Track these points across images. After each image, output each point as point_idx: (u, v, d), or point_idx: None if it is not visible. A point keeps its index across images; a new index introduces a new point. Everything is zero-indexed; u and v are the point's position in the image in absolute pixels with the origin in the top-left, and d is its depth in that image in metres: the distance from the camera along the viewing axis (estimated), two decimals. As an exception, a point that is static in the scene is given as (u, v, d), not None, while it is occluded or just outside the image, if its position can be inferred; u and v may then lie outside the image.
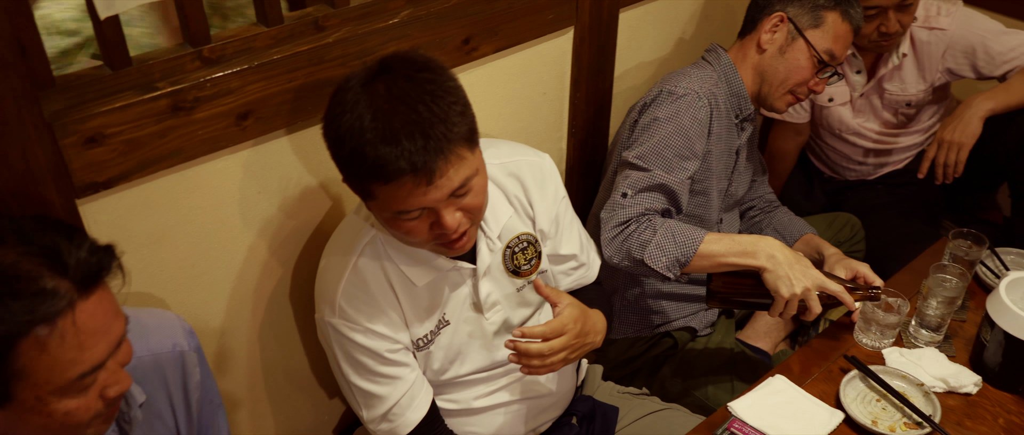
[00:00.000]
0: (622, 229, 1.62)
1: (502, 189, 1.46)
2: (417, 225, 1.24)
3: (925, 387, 1.53)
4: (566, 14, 1.76)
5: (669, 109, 1.68)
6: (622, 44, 1.95)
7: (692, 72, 1.78)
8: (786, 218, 2.06)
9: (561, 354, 1.38)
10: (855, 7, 1.76)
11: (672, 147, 1.66)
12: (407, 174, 1.14)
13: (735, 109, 1.83)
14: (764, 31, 1.78)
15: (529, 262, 1.50)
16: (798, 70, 1.77)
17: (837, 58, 1.77)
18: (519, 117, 1.84)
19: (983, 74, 2.17)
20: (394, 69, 1.18)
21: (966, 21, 2.15)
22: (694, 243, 1.56)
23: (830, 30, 1.75)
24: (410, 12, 1.48)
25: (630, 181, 1.66)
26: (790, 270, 1.53)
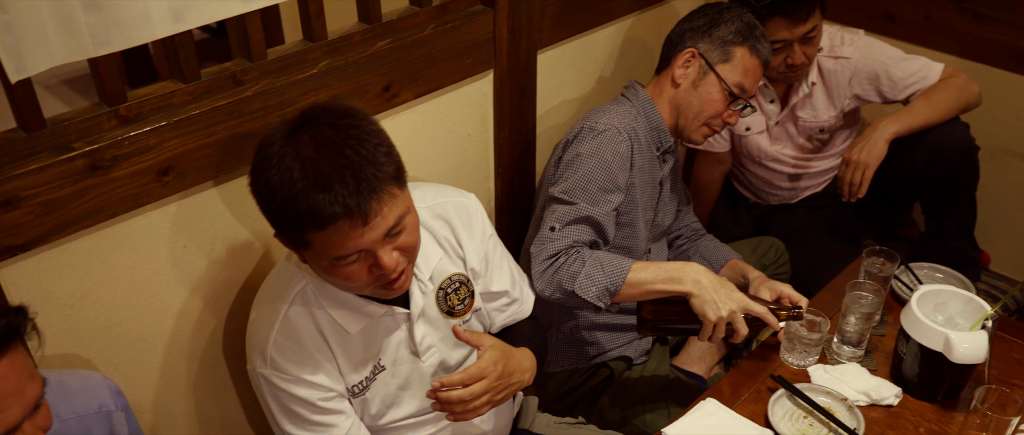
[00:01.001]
0: (552, 262, 1.65)
1: (430, 232, 1.48)
2: (356, 269, 1.25)
3: (849, 401, 1.58)
4: (485, 58, 1.80)
5: (591, 145, 1.73)
6: (542, 84, 2.00)
7: (612, 109, 1.82)
8: (712, 245, 2.11)
9: (484, 397, 1.39)
10: (763, 42, 1.83)
11: (596, 181, 1.71)
12: (342, 218, 1.16)
13: (656, 142, 1.88)
14: (677, 66, 1.84)
15: (462, 302, 1.52)
16: (711, 103, 1.82)
17: (748, 91, 1.83)
18: (445, 159, 1.87)
19: (888, 98, 2.27)
20: (316, 119, 1.20)
21: (868, 49, 2.25)
22: (622, 272, 1.60)
23: (739, 64, 1.81)
24: (328, 63, 1.51)
25: (557, 215, 1.69)
26: (715, 294, 1.57)
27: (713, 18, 1.82)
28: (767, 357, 1.74)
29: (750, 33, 1.81)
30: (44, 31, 1.12)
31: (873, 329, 1.76)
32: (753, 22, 1.83)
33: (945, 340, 1.52)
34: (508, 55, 1.83)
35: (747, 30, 1.81)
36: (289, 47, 1.49)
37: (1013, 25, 2.35)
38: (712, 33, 1.81)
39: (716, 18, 1.82)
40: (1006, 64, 2.40)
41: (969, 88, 2.19)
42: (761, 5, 2.10)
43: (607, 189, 1.72)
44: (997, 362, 1.71)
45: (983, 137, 2.25)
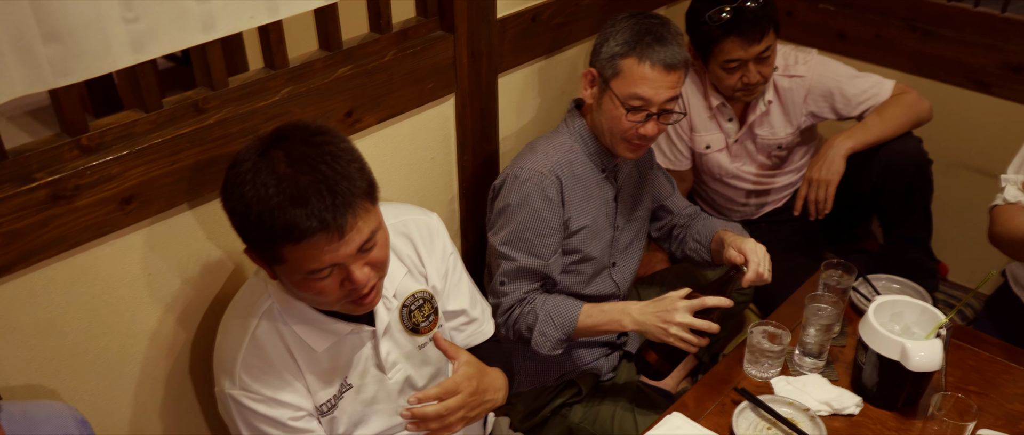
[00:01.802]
0: (508, 315, 1.79)
1: (394, 249, 1.49)
2: (328, 284, 1.26)
3: (811, 412, 1.61)
4: (446, 82, 1.83)
5: (518, 194, 1.76)
6: (504, 106, 2.03)
7: (541, 146, 1.83)
8: (701, 225, 2.05)
9: (458, 413, 1.40)
10: (655, 47, 1.71)
11: (530, 229, 1.76)
12: (318, 232, 1.18)
13: (599, 164, 1.87)
14: (585, 88, 1.83)
15: (427, 318, 1.53)
16: (614, 119, 1.77)
17: (648, 100, 1.73)
18: (410, 182, 1.89)
19: (842, 115, 2.33)
20: (290, 137, 1.22)
21: (821, 67, 2.31)
22: (572, 322, 1.77)
23: (628, 76, 1.73)
24: (290, 90, 1.52)
25: (503, 270, 1.79)
26: (656, 319, 1.66)
27: (605, 33, 1.78)
28: (731, 370, 1.77)
29: (638, 41, 1.72)
30: (3, 63, 1.13)
31: (833, 340, 1.80)
32: (645, 28, 1.73)
33: (902, 349, 1.55)
34: (469, 79, 1.86)
35: (635, 39, 1.72)
36: (251, 75, 1.50)
37: (960, 42, 2.43)
38: (602, 50, 1.77)
39: (607, 33, 1.77)
40: (954, 80, 2.48)
41: (920, 104, 2.25)
42: (717, 26, 2.15)
43: (542, 234, 1.77)
44: (954, 369, 1.75)
45: (936, 151, 2.32)
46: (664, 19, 1.76)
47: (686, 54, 1.74)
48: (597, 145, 1.85)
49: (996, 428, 1.59)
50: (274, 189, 1.17)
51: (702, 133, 2.38)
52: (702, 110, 2.36)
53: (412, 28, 1.74)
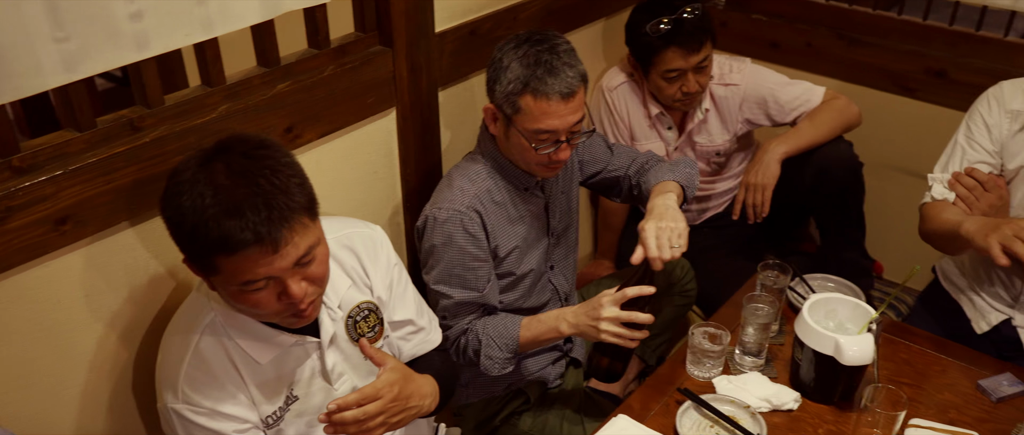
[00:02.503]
0: (455, 346, 1.83)
1: (338, 262, 1.50)
2: (264, 296, 1.27)
3: (752, 409, 1.65)
4: (386, 97, 1.84)
5: (441, 235, 1.76)
6: (445, 120, 2.04)
7: (456, 179, 1.81)
8: (649, 176, 1.95)
9: (379, 418, 1.39)
10: (545, 81, 1.65)
11: (459, 266, 1.77)
12: (253, 244, 1.19)
13: (520, 184, 1.85)
14: (489, 121, 1.79)
15: (372, 329, 1.54)
16: (524, 150, 1.74)
17: (554, 131, 1.69)
18: (353, 196, 1.90)
19: (777, 121, 2.40)
20: (231, 149, 1.23)
21: (755, 76, 2.38)
22: (514, 340, 1.80)
23: (529, 113, 1.68)
24: (228, 106, 1.52)
25: (441, 307, 1.81)
26: (587, 319, 1.68)
27: (495, 69, 1.71)
28: (675, 371, 1.81)
29: (531, 77, 1.65)
30: (-69, 85, 1.11)
31: (771, 338, 1.85)
32: (534, 60, 1.66)
33: (835, 344, 1.60)
34: (409, 93, 1.88)
35: (527, 74, 1.65)
36: (187, 93, 1.50)
37: (885, 49, 2.52)
38: (496, 88, 1.71)
39: (497, 69, 1.71)
40: (881, 85, 2.57)
41: (849, 109, 2.33)
42: (656, 37, 2.21)
43: (472, 267, 1.78)
44: (886, 363, 1.81)
45: (866, 154, 2.40)
46: (551, 41, 1.69)
47: (582, 69, 1.69)
48: (514, 167, 1.83)
49: (927, 417, 1.66)
50: (210, 200, 1.18)
51: (642, 141, 2.43)
52: (642, 119, 2.41)
53: (351, 44, 1.75)
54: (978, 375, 1.77)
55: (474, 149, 1.89)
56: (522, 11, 2.12)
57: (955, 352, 1.85)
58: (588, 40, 2.45)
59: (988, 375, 1.77)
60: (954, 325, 2.07)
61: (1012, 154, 1.83)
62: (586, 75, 1.71)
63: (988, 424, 1.65)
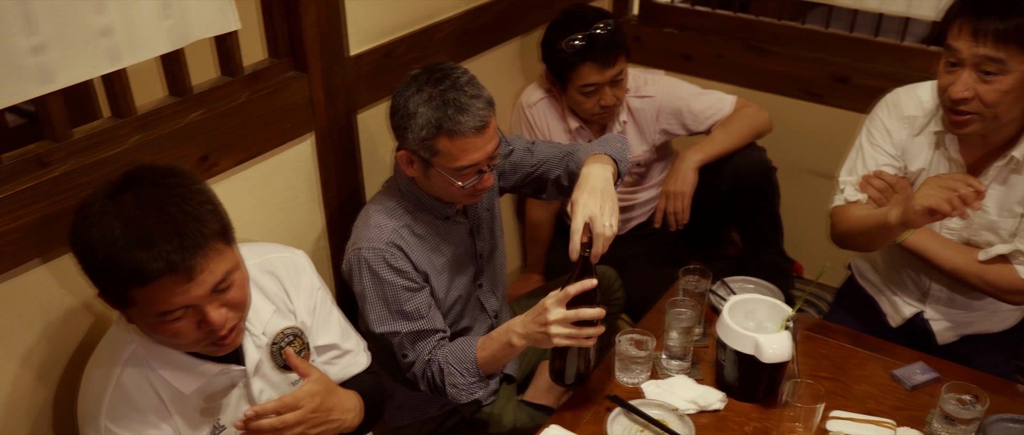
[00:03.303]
0: (425, 379, 1.80)
1: (260, 288, 1.49)
2: (183, 326, 1.25)
3: (679, 411, 1.68)
4: (304, 121, 1.84)
5: (367, 277, 1.74)
6: (366, 142, 2.05)
7: (373, 216, 1.77)
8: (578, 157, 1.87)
9: (297, 429, 1.39)
10: (458, 120, 1.62)
11: (394, 301, 1.75)
12: (166, 274, 1.17)
13: (441, 214, 1.83)
14: (404, 166, 1.75)
15: (299, 354, 1.53)
16: (448, 186, 1.72)
17: (475, 163, 1.68)
18: (274, 222, 1.88)
19: (692, 130, 2.47)
20: (139, 179, 1.22)
21: (669, 87, 2.45)
22: (473, 363, 1.76)
23: (448, 154, 1.66)
24: (140, 137, 1.50)
25: (396, 346, 1.79)
26: (535, 326, 1.64)
27: (401, 117, 1.67)
28: (604, 379, 1.83)
29: (443, 119, 1.62)
30: None
31: (695, 341, 1.89)
32: (441, 100, 1.63)
33: (755, 344, 1.65)
34: (327, 117, 1.87)
35: (438, 118, 1.63)
36: (97, 125, 1.48)
37: (791, 57, 2.62)
38: (409, 136, 1.67)
39: (403, 116, 1.67)
40: (789, 92, 2.67)
41: (760, 116, 2.41)
42: (572, 53, 2.25)
43: (408, 299, 1.76)
44: (806, 359, 1.87)
45: (779, 158, 2.48)
46: (451, 76, 1.66)
47: (487, 95, 1.67)
48: (433, 199, 1.80)
49: (847, 408, 1.71)
50: (120, 231, 1.16)
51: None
52: (561, 134, 2.45)
53: (264, 70, 1.75)
54: (893, 366, 1.84)
55: (390, 181, 1.86)
56: (437, 32, 2.14)
57: (871, 345, 1.92)
58: (505, 58, 2.49)
59: (902, 365, 1.83)
60: (870, 320, 2.15)
61: (912, 157, 1.91)
62: (492, 99, 1.69)
63: (904, 411, 1.72)
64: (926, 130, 1.88)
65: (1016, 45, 1.60)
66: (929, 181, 1.69)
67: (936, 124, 1.85)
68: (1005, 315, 2.03)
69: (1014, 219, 1.82)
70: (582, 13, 2.31)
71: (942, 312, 2.04)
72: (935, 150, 1.87)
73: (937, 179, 1.68)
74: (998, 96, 1.65)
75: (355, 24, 1.90)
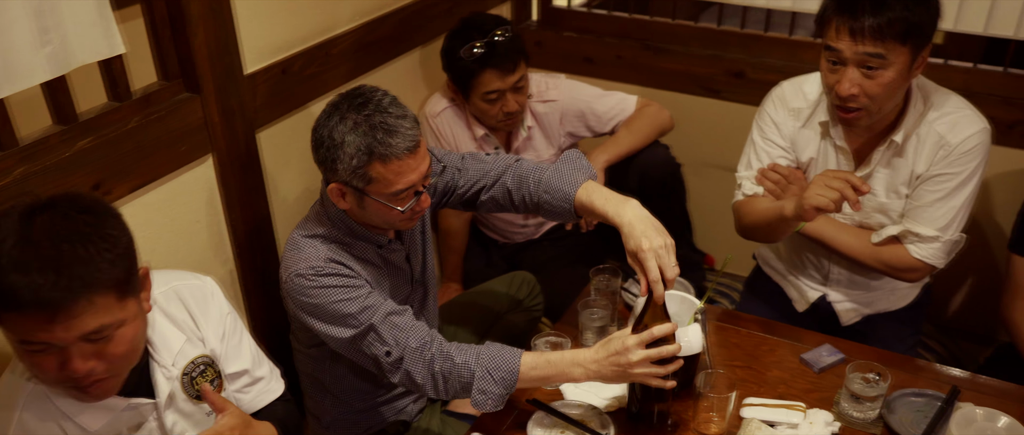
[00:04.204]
0: (432, 380, 1.64)
1: (169, 317, 1.45)
2: (44, 360, 1.20)
3: (599, 409, 1.70)
4: (200, 143, 1.79)
5: (314, 292, 1.65)
6: (269, 161, 2.01)
7: (303, 243, 1.70)
8: (544, 183, 1.81)
9: None
10: (389, 144, 1.58)
11: (353, 302, 1.65)
12: (30, 306, 1.13)
13: (375, 242, 1.78)
14: (336, 199, 1.68)
15: (211, 383, 1.49)
16: (386, 213, 1.67)
17: (412, 184, 1.64)
18: (177, 248, 1.83)
19: (597, 131, 2.50)
20: (57, 206, 1.18)
21: (572, 90, 2.48)
22: (512, 375, 1.61)
23: (383, 179, 1.61)
24: (24, 169, 1.44)
25: (369, 343, 1.66)
26: (611, 367, 1.57)
27: (328, 149, 1.62)
28: (524, 384, 1.84)
29: (374, 145, 1.58)
30: None
31: (610, 339, 1.91)
32: (369, 125, 1.58)
33: (667, 337, 1.68)
34: (225, 138, 1.83)
35: (369, 144, 1.58)
36: (-23, 159, 1.42)
37: (689, 55, 2.68)
38: (339, 167, 1.61)
39: (330, 148, 1.61)
40: (689, 89, 2.73)
41: (661, 114, 2.46)
42: (472, 61, 2.26)
43: (364, 295, 1.66)
44: (719, 349, 1.91)
45: (683, 154, 2.54)
46: (373, 100, 1.62)
47: (412, 113, 1.65)
48: (366, 228, 1.75)
49: (759, 395, 1.75)
50: (9, 249, 1.13)
51: (470, 163, 2.47)
52: (468, 142, 2.46)
53: (155, 93, 1.70)
54: (802, 350, 1.89)
55: (317, 209, 1.78)
56: (334, 46, 2.12)
57: (780, 331, 1.98)
58: (407, 69, 2.48)
59: (810, 349, 1.89)
60: (778, 306, 2.21)
61: (802, 147, 1.98)
62: (416, 117, 1.67)
63: (814, 393, 1.77)
64: (812, 121, 1.95)
65: (893, 39, 1.67)
66: (817, 180, 1.74)
67: (821, 114, 1.92)
68: (903, 293, 2.12)
69: (901, 200, 1.90)
70: (480, 21, 2.32)
71: (844, 293, 2.12)
72: (823, 139, 1.95)
73: (824, 178, 1.73)
74: (882, 89, 1.72)
75: (249, 42, 1.87)
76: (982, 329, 2.73)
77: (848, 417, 1.69)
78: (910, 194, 1.89)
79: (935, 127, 1.82)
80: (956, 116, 1.82)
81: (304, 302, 1.66)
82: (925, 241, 1.86)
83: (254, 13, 1.87)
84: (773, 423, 1.67)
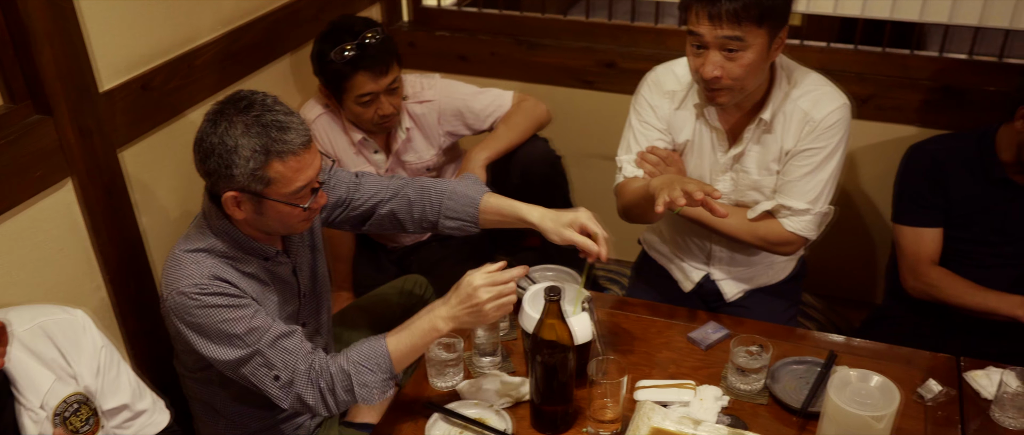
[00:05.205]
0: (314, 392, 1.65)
1: (36, 355, 1.38)
2: None
3: (495, 407, 1.70)
4: (57, 167, 1.70)
5: (197, 313, 1.60)
6: (136, 181, 1.92)
7: (185, 259, 1.63)
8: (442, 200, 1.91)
9: None
10: (285, 141, 1.57)
11: (238, 323, 1.61)
12: None
13: (262, 255, 1.73)
14: (231, 210, 1.63)
15: (87, 422, 1.42)
16: (286, 216, 1.65)
17: (309, 182, 1.63)
18: (41, 279, 1.73)
19: (475, 129, 2.50)
20: None
21: (447, 89, 2.47)
22: (384, 358, 1.65)
23: (282, 179, 1.59)
24: None
25: (255, 367, 1.63)
26: (463, 309, 1.64)
27: (220, 155, 1.56)
28: (419, 386, 1.82)
29: (270, 144, 1.56)
30: None
31: (503, 336, 1.92)
32: (262, 124, 1.56)
33: (556, 328, 1.69)
34: (84, 160, 1.74)
35: (265, 144, 1.55)
36: None
37: (561, 49, 2.72)
38: (235, 173, 1.56)
39: (223, 153, 1.56)
40: (564, 81, 2.77)
41: (538, 108, 2.48)
42: (343, 64, 2.22)
43: (250, 315, 1.63)
44: (610, 335, 1.94)
45: (564, 146, 2.57)
46: (257, 101, 1.59)
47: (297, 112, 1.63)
48: (252, 240, 1.70)
49: (651, 376, 1.80)
50: None
51: (352, 169, 2.43)
52: (346, 147, 2.41)
53: (2, 116, 1.60)
54: (689, 329, 1.95)
55: (199, 223, 1.71)
56: (197, 58, 2.04)
57: (667, 313, 2.03)
58: (278, 77, 2.42)
59: (697, 327, 1.95)
60: (666, 288, 2.27)
61: (678, 129, 2.04)
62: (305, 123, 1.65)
63: (703, 371, 1.83)
64: (687, 103, 2.01)
65: (750, 22, 1.74)
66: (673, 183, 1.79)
67: (695, 97, 1.99)
68: (781, 267, 2.21)
69: (773, 176, 1.98)
70: (350, 23, 2.28)
71: (726, 271, 2.19)
72: (697, 120, 2.01)
73: (680, 181, 1.80)
74: (743, 70, 1.80)
75: (103, 57, 1.78)
76: (857, 295, 2.88)
77: (736, 390, 1.75)
78: (780, 170, 1.96)
79: (799, 104, 1.91)
80: (817, 93, 1.91)
81: (188, 321, 1.60)
82: (797, 214, 1.94)
83: (107, 27, 1.78)
84: (666, 403, 1.71)
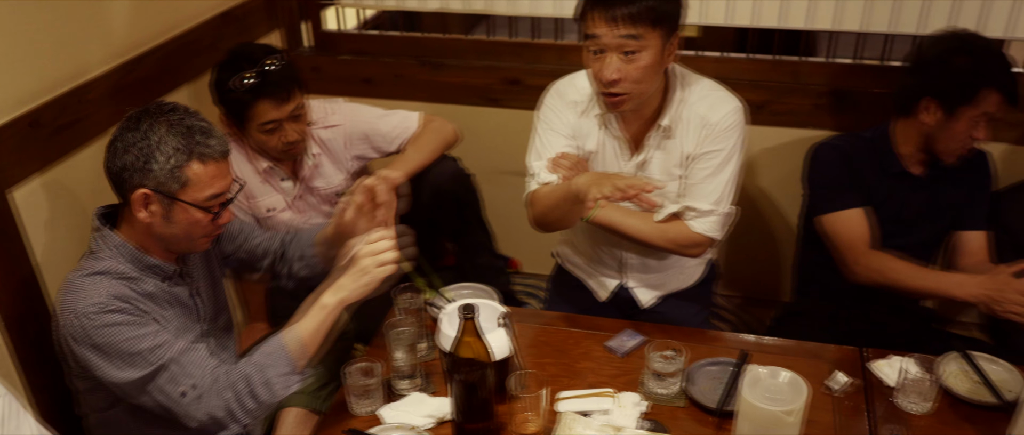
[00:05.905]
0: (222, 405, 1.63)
1: None
2: None
3: (418, 429, 1.69)
4: (-60, 212, 1.62)
5: (98, 334, 1.58)
6: (31, 222, 1.85)
7: (82, 284, 1.61)
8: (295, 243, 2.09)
9: None
10: (208, 145, 1.63)
11: (140, 340, 1.59)
12: None
13: (161, 274, 1.73)
14: (138, 210, 1.64)
15: None
16: (193, 224, 1.67)
17: (222, 192, 1.68)
18: (-71, 332, 1.64)
19: (384, 151, 2.49)
20: None
21: (353, 113, 2.45)
22: (282, 349, 1.67)
23: (198, 181, 1.63)
24: None
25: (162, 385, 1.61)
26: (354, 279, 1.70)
27: (141, 151, 1.60)
28: (340, 413, 1.79)
29: (193, 145, 1.61)
30: None
31: (422, 356, 1.90)
32: (187, 128, 1.62)
33: (474, 346, 1.69)
34: (-29, 203, 1.66)
35: (188, 145, 1.61)
36: None
37: (465, 68, 2.74)
38: (154, 168, 1.60)
39: (144, 149, 1.60)
40: (470, 100, 2.79)
41: (445, 128, 2.49)
42: (244, 91, 2.17)
43: (153, 332, 1.61)
44: (529, 349, 1.95)
45: (474, 164, 2.58)
46: (178, 108, 1.65)
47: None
48: (153, 257, 1.70)
49: (571, 387, 1.81)
50: None
51: (260, 198, 2.38)
52: (253, 176, 2.36)
53: None
54: (606, 338, 1.97)
55: (94, 246, 1.68)
56: (89, 92, 1.97)
57: (584, 323, 2.05)
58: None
59: (613, 336, 1.97)
60: (583, 299, 2.30)
61: (584, 138, 2.07)
62: None
63: (621, 378, 1.85)
64: (589, 113, 2.05)
65: (646, 23, 1.79)
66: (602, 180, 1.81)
67: (596, 107, 2.02)
68: (692, 271, 2.26)
69: (676, 181, 2.03)
70: (249, 50, 2.24)
71: (639, 279, 2.23)
72: (601, 130, 2.04)
73: (608, 178, 1.80)
74: (641, 72, 1.84)
75: (-14, 95, 1.70)
76: (767, 294, 2.97)
77: (654, 395, 1.78)
78: (684, 174, 2.01)
79: (696, 109, 1.97)
80: (712, 97, 1.98)
81: (88, 344, 1.58)
82: (703, 215, 1.99)
83: (-10, 63, 1.72)
84: (587, 413, 1.72)
